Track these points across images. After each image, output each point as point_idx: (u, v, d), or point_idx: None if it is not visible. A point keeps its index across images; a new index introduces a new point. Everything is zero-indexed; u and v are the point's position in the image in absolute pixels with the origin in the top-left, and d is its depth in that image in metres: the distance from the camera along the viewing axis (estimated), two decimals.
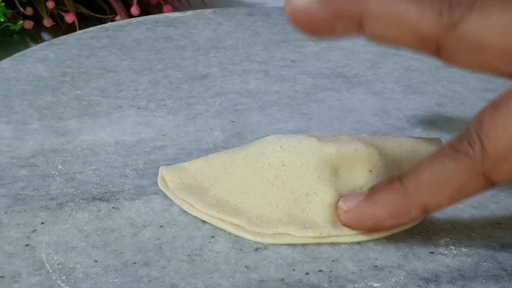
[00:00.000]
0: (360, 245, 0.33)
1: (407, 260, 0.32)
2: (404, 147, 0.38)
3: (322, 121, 0.44)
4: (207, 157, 0.38)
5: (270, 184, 0.34)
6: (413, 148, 0.37)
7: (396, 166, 0.36)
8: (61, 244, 0.33)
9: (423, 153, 0.37)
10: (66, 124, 0.43)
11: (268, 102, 0.46)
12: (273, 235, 0.33)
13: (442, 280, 0.31)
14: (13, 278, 0.31)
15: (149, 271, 0.31)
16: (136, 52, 0.52)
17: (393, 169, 0.36)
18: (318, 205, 0.34)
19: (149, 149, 0.40)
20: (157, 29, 0.56)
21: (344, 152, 0.35)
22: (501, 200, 0.37)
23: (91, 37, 0.55)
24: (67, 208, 0.35)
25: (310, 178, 0.34)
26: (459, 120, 0.44)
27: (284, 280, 0.31)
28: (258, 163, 0.35)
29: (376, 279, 0.31)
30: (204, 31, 0.56)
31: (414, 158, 0.37)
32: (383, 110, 0.45)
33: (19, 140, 0.41)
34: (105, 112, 0.44)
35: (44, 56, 0.51)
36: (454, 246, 0.33)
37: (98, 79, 0.48)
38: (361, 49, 0.53)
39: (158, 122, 0.43)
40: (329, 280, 0.31)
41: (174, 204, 0.36)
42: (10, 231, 0.34)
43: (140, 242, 0.33)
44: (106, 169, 0.38)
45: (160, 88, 0.47)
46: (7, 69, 0.49)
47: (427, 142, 0.38)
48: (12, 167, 0.38)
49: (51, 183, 0.37)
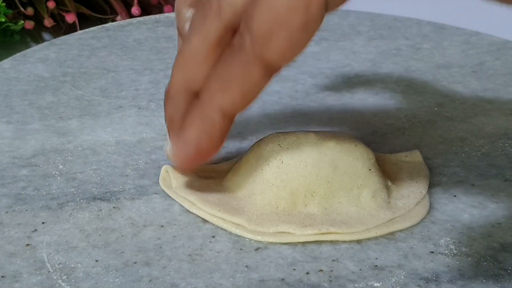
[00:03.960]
0: (361, 245, 0.33)
1: (407, 260, 0.32)
2: (387, 158, 0.39)
3: (322, 121, 0.44)
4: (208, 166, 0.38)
5: (270, 184, 0.34)
6: (395, 160, 0.39)
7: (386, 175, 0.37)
8: (62, 244, 0.33)
9: (405, 164, 0.39)
10: (66, 124, 0.43)
11: (268, 102, 0.46)
12: (274, 234, 0.33)
13: (442, 279, 0.31)
14: (14, 277, 0.31)
15: (149, 270, 0.31)
16: (137, 52, 0.53)
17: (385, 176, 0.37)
18: (316, 204, 0.34)
19: (150, 149, 0.40)
20: (158, 29, 0.57)
21: (343, 146, 0.35)
22: (501, 200, 0.37)
23: (92, 37, 0.55)
24: (67, 208, 0.35)
25: (309, 177, 0.34)
26: (459, 120, 0.44)
27: (284, 279, 0.31)
28: (258, 168, 0.35)
29: (376, 279, 0.31)
30: None
31: (401, 168, 0.38)
32: (383, 110, 0.45)
33: (20, 140, 0.41)
34: (105, 112, 0.44)
35: (45, 56, 0.51)
36: (454, 246, 0.33)
37: (99, 79, 0.48)
38: (361, 49, 0.54)
39: (159, 122, 0.43)
40: (330, 280, 0.31)
41: (175, 204, 0.36)
42: (11, 231, 0.34)
43: (140, 242, 0.33)
44: (107, 169, 0.38)
45: (160, 88, 0.47)
46: (8, 69, 0.49)
47: (406, 153, 0.40)
48: (13, 167, 0.38)
49: (52, 183, 0.37)
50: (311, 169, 0.34)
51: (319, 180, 0.34)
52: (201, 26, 0.31)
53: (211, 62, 0.31)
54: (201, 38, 0.31)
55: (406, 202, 0.36)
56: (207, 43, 0.31)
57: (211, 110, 0.31)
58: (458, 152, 0.41)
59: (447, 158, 0.40)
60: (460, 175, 0.39)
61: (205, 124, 0.32)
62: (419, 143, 0.42)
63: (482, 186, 0.38)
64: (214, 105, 0.31)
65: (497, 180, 0.38)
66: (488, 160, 0.40)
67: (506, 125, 0.44)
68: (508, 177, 0.39)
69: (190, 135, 0.32)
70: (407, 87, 0.48)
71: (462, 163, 0.40)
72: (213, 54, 0.31)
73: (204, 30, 0.31)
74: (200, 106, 0.31)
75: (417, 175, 0.38)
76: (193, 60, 0.32)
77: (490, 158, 0.40)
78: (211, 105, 0.31)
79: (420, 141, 0.42)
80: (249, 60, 0.30)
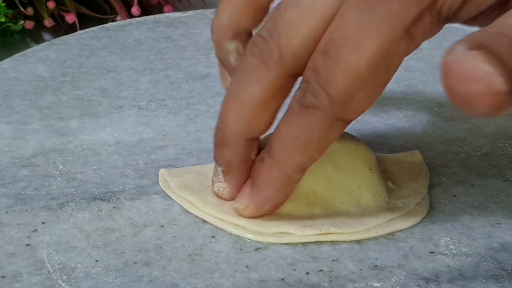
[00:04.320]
0: (360, 245, 0.33)
1: (407, 260, 0.32)
2: (387, 158, 0.38)
3: None
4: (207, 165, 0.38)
5: None
6: (396, 160, 0.39)
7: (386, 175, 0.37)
8: (62, 244, 0.33)
9: (405, 164, 0.38)
10: (67, 124, 0.43)
11: None
12: (274, 234, 0.33)
13: (442, 280, 0.31)
14: (14, 278, 0.31)
15: (149, 271, 0.31)
16: (137, 52, 0.53)
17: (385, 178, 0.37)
18: (318, 204, 0.34)
19: (150, 149, 0.40)
20: (158, 29, 0.57)
21: (345, 145, 0.35)
22: (501, 200, 0.37)
23: (92, 37, 0.55)
24: (68, 208, 0.35)
25: (310, 177, 0.34)
26: (459, 120, 0.44)
27: (284, 279, 0.31)
28: None
29: (376, 279, 0.31)
30: (205, 31, 0.56)
31: (401, 168, 0.38)
32: (383, 110, 0.45)
33: (20, 140, 0.41)
34: (105, 112, 0.44)
35: (45, 56, 0.51)
36: (454, 246, 0.33)
37: (99, 79, 0.48)
38: None
39: (159, 122, 0.43)
40: (330, 280, 0.31)
41: (175, 204, 0.36)
42: (11, 231, 0.34)
43: (140, 242, 0.33)
44: (107, 169, 0.38)
45: (160, 88, 0.47)
46: (8, 69, 0.49)
47: (406, 153, 0.40)
48: (13, 167, 0.38)
49: (52, 183, 0.37)
50: (313, 168, 0.34)
51: (320, 179, 0.34)
52: (261, 73, 0.30)
53: (273, 110, 0.32)
54: (262, 86, 0.31)
55: (406, 202, 0.36)
56: (268, 92, 0.31)
57: (291, 170, 0.32)
58: (458, 152, 0.41)
59: (447, 158, 0.40)
60: (460, 175, 0.39)
61: (284, 183, 0.32)
62: (419, 143, 0.42)
63: (482, 186, 0.38)
64: (293, 166, 0.31)
65: (497, 180, 0.38)
66: (488, 160, 0.40)
67: (506, 125, 0.44)
68: (508, 177, 0.39)
69: (268, 194, 0.33)
70: (407, 87, 0.48)
71: (462, 163, 0.40)
72: (275, 102, 0.31)
73: (265, 78, 0.30)
74: (278, 167, 0.31)
75: (417, 175, 0.38)
76: (253, 108, 0.31)
77: (490, 158, 0.40)
78: (290, 165, 0.31)
79: (420, 141, 0.42)
80: (329, 121, 0.30)
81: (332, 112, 0.29)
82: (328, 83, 0.29)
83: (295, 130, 0.30)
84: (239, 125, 0.32)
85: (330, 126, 0.30)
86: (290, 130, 0.31)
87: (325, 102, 0.29)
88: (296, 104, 0.30)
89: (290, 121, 0.31)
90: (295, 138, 0.31)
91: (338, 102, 0.29)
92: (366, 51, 0.28)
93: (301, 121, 0.30)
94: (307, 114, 0.30)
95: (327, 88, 0.29)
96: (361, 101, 0.29)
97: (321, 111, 0.29)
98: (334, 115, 0.30)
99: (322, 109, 0.29)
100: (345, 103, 0.29)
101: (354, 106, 0.29)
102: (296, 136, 0.30)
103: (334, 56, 0.29)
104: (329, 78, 0.29)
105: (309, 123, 0.30)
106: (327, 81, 0.29)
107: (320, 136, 0.30)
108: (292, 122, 0.30)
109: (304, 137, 0.30)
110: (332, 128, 0.30)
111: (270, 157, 0.32)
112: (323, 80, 0.29)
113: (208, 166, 0.38)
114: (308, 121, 0.30)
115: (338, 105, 0.29)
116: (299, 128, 0.30)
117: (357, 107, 0.30)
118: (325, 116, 0.30)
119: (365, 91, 0.29)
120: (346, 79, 0.29)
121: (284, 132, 0.31)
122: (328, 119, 0.30)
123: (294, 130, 0.30)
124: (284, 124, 0.31)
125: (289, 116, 0.31)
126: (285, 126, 0.31)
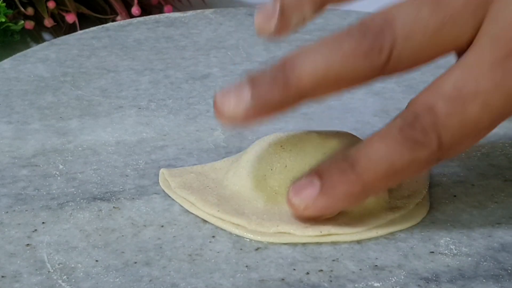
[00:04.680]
0: (361, 245, 0.33)
1: (407, 260, 0.32)
2: None
3: (323, 121, 0.44)
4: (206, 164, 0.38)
5: (273, 192, 0.34)
6: None
7: None
8: (62, 244, 0.33)
9: None
10: (67, 124, 0.43)
11: None
12: (274, 234, 0.33)
13: (442, 279, 0.31)
14: (14, 278, 0.31)
15: (149, 270, 0.31)
16: (137, 52, 0.53)
17: None
18: None
19: (150, 149, 0.40)
20: (158, 29, 0.57)
21: (345, 144, 0.35)
22: (501, 200, 0.37)
23: (92, 37, 0.55)
24: (68, 208, 0.35)
25: None
26: None
27: (284, 279, 0.31)
28: (259, 171, 0.35)
29: (376, 279, 0.31)
30: (205, 31, 0.56)
31: None
32: (383, 110, 0.45)
33: (20, 140, 0.41)
34: (106, 112, 0.44)
35: (45, 56, 0.51)
36: (454, 246, 0.33)
37: (99, 79, 0.48)
38: None
39: (159, 122, 0.43)
40: (330, 280, 0.31)
41: (175, 204, 0.36)
42: (11, 231, 0.34)
43: (140, 241, 0.33)
44: (107, 169, 0.38)
45: (160, 88, 0.47)
46: (8, 69, 0.49)
47: None
48: (13, 167, 0.38)
49: (52, 183, 0.37)
50: None
51: None
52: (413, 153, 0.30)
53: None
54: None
55: (406, 202, 0.36)
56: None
57: (375, 191, 0.32)
58: None
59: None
60: (460, 175, 0.39)
61: (361, 199, 0.33)
62: None
63: (482, 186, 0.38)
64: (379, 188, 0.32)
65: (497, 180, 0.38)
66: (488, 160, 0.40)
67: (506, 125, 0.43)
68: (508, 177, 0.39)
69: (340, 205, 0.33)
70: (407, 87, 0.48)
71: (462, 163, 0.40)
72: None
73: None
74: (363, 185, 0.31)
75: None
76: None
77: (490, 158, 0.40)
78: (376, 187, 0.32)
79: None
80: (430, 161, 0.30)
81: (437, 154, 0.30)
82: (445, 128, 0.29)
83: (392, 157, 0.30)
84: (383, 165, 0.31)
85: (429, 164, 0.30)
86: (386, 156, 0.30)
87: (434, 144, 0.29)
88: (398, 133, 0.30)
89: (387, 146, 0.30)
90: (389, 165, 0.30)
91: (446, 148, 0.30)
92: (493, 112, 0.29)
93: (401, 151, 0.30)
94: (410, 148, 0.30)
95: (441, 132, 0.29)
96: (466, 147, 0.31)
97: (427, 151, 0.30)
98: (437, 157, 0.30)
99: (429, 149, 0.30)
100: (452, 149, 0.30)
101: (457, 151, 0.30)
102: (391, 163, 0.30)
103: (460, 109, 0.29)
104: (447, 124, 0.29)
105: (410, 157, 0.30)
106: (444, 127, 0.29)
107: (416, 170, 0.31)
108: (389, 148, 0.30)
109: (399, 167, 0.30)
110: (428, 167, 0.31)
111: (355, 173, 0.31)
112: (440, 124, 0.29)
113: (208, 166, 0.38)
114: (408, 155, 0.30)
115: (445, 150, 0.30)
116: (397, 157, 0.30)
117: (459, 152, 0.31)
118: (429, 156, 0.30)
119: (474, 140, 0.30)
120: (463, 130, 0.29)
121: (377, 153, 0.30)
122: (430, 159, 0.30)
123: (391, 157, 0.30)
124: (379, 146, 0.30)
125: (385, 139, 0.30)
126: (380, 149, 0.30)
